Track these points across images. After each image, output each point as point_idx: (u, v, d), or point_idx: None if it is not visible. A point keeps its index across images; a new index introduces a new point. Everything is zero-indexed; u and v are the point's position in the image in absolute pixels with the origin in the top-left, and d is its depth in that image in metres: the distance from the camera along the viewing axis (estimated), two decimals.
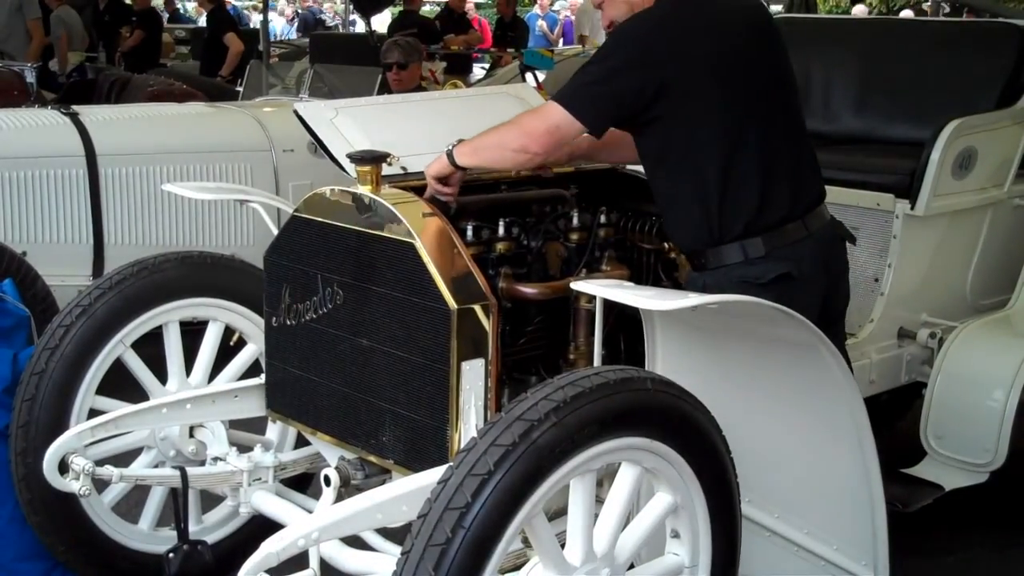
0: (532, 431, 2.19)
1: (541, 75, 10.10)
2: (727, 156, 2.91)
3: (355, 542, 2.81)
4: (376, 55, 7.22)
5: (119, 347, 3.33)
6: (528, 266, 3.11)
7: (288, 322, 3.15)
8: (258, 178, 5.66)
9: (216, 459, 3.27)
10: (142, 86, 7.50)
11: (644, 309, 2.57)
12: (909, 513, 3.61)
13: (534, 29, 17.66)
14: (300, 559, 2.53)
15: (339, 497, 2.92)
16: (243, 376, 3.55)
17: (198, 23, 16.67)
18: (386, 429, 2.91)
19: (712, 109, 2.90)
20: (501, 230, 3.03)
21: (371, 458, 2.99)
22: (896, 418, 4.43)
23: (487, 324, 2.76)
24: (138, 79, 7.85)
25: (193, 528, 3.37)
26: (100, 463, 3.10)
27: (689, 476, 2.50)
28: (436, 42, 10.71)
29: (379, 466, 2.99)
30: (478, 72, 12.98)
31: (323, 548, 2.70)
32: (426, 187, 3.04)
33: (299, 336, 3.12)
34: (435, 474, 2.34)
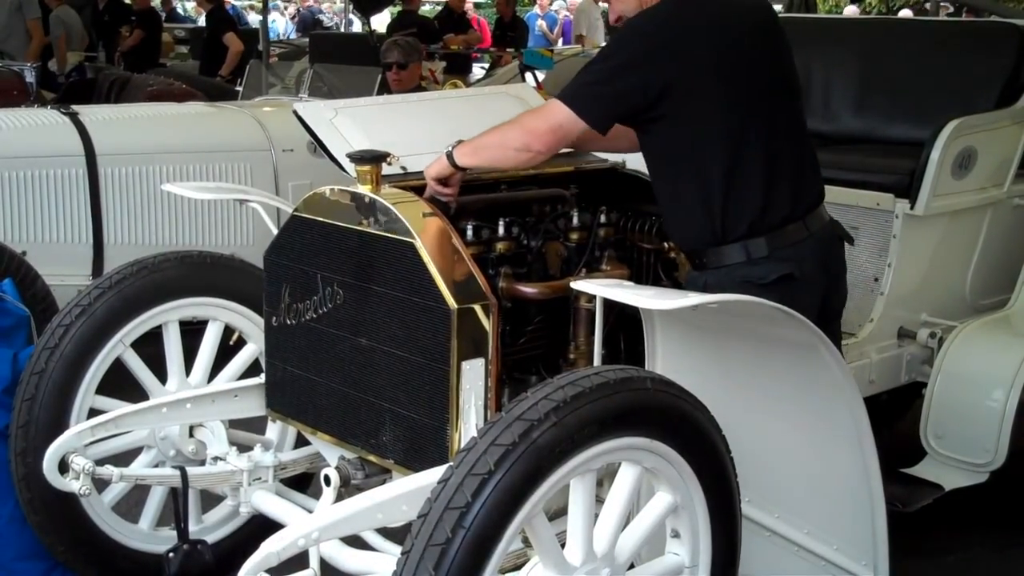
0: (532, 431, 2.19)
1: (541, 75, 10.10)
2: (732, 156, 2.91)
3: (355, 542, 2.81)
4: (376, 55, 7.22)
5: (119, 347, 3.33)
6: (528, 266, 3.10)
7: (288, 322, 3.15)
8: (258, 178, 5.67)
9: (216, 459, 3.27)
10: (142, 86, 7.49)
11: (644, 308, 2.57)
12: (909, 513, 3.61)
13: (534, 29, 17.67)
14: (300, 559, 2.53)
15: (339, 497, 2.92)
16: (243, 376, 3.55)
17: (197, 23, 16.66)
18: (386, 429, 2.91)
19: (716, 109, 2.89)
20: (501, 230, 3.03)
21: (371, 458, 2.98)
22: (896, 418, 4.42)
23: (487, 324, 2.76)
24: (138, 79, 7.84)
25: (193, 528, 3.37)
26: (100, 463, 3.10)
27: (689, 476, 2.49)
28: (436, 42, 10.71)
29: (379, 466, 2.99)
30: (478, 72, 12.97)
31: (323, 548, 2.70)
32: (426, 186, 3.04)
33: (299, 336, 3.12)
34: (435, 474, 2.34)
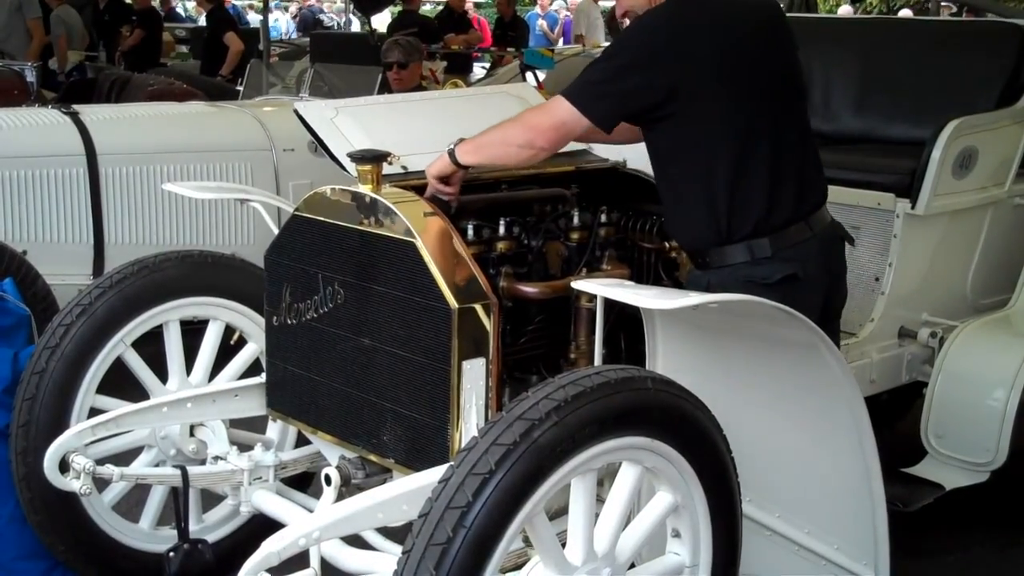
0: (533, 430, 2.19)
1: (541, 74, 10.10)
2: (737, 156, 2.91)
3: (356, 541, 2.81)
4: (376, 54, 7.21)
5: (119, 346, 3.33)
6: (529, 265, 3.10)
7: (289, 321, 3.15)
8: (258, 177, 5.67)
9: (217, 458, 3.27)
10: (142, 85, 7.49)
11: (645, 308, 2.57)
12: (909, 513, 3.61)
13: (534, 28, 17.67)
14: (301, 558, 2.54)
15: (340, 496, 2.92)
16: (243, 375, 3.55)
17: (198, 22, 16.66)
18: (387, 428, 2.91)
19: (721, 108, 2.89)
20: (502, 229, 3.03)
21: (372, 457, 2.98)
22: (897, 418, 4.43)
23: (488, 323, 2.76)
24: (138, 78, 7.83)
25: (194, 527, 3.37)
26: (101, 462, 3.10)
27: (690, 475, 2.49)
28: (436, 41, 10.70)
29: (380, 465, 2.99)
30: (478, 72, 12.97)
31: (324, 547, 2.70)
32: (426, 186, 3.04)
33: (300, 335, 3.12)
34: (436, 473, 2.34)
